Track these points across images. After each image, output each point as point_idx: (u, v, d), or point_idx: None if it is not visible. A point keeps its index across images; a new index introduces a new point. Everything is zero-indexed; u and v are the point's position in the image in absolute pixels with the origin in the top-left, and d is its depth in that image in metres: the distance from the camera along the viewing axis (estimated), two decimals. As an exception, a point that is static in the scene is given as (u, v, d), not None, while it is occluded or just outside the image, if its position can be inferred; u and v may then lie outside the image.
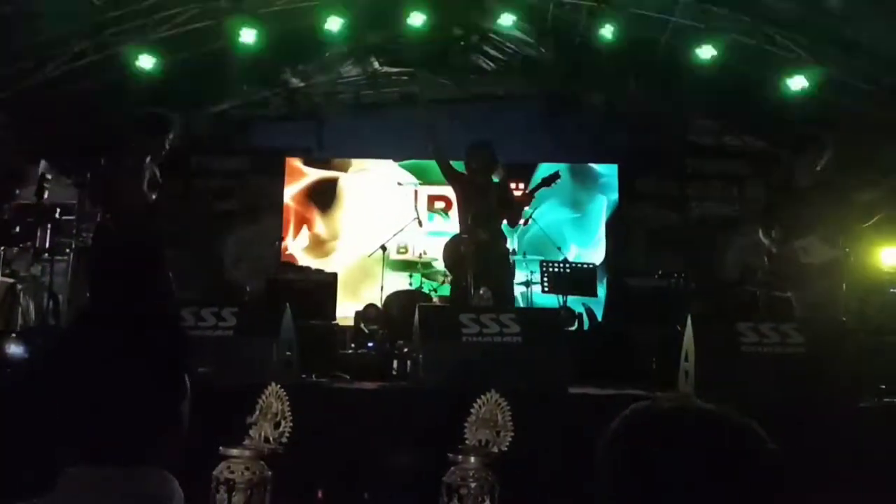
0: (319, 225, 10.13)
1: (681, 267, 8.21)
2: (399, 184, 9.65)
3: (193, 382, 1.50)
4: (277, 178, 10.02)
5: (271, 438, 3.03)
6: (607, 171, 10.18)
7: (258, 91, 10.20)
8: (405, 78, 10.34)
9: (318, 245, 10.05)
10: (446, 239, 6.47)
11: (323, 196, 10.18)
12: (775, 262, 5.23)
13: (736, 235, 9.41)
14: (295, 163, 10.25)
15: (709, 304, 7.87)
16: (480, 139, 6.26)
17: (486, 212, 5.86)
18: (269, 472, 2.99)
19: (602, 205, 10.13)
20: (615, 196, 10.05)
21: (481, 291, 5.59)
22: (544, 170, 10.04)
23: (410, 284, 8.22)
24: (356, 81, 10.38)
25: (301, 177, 10.21)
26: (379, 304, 7.64)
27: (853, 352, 4.50)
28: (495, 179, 6.04)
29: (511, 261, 6.34)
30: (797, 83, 7.62)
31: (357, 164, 10.32)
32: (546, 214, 9.42)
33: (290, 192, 10.16)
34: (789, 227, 5.18)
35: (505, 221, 5.97)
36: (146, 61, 7.82)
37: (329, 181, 10.20)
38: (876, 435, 3.91)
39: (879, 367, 4.91)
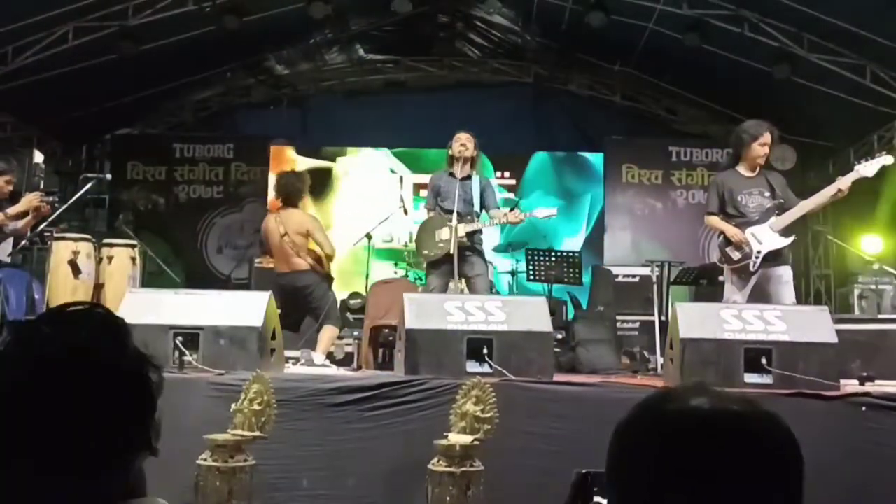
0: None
1: (665, 254, 8.23)
2: (392, 171, 9.64)
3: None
4: (262, 165, 9.95)
5: (256, 426, 3.01)
6: (595, 160, 10.18)
7: (242, 78, 10.14)
8: (390, 66, 10.30)
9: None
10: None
11: (314, 185, 10.11)
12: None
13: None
14: (288, 152, 10.17)
15: (693, 291, 7.91)
16: (465, 126, 6.22)
17: (467, 210, 5.84)
18: (254, 460, 2.97)
19: (589, 195, 10.14)
20: (601, 184, 10.06)
21: (452, 286, 5.63)
22: (537, 160, 10.10)
23: (396, 273, 8.20)
24: (341, 68, 10.33)
25: (291, 165, 10.14)
26: (364, 293, 7.63)
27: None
28: (478, 179, 5.98)
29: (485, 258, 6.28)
30: (782, 70, 7.65)
31: (350, 152, 10.25)
32: (534, 205, 9.41)
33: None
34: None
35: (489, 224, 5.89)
36: (128, 47, 7.72)
37: (321, 170, 10.13)
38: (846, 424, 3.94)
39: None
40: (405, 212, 7.53)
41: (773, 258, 5.20)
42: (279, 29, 9.05)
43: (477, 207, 5.88)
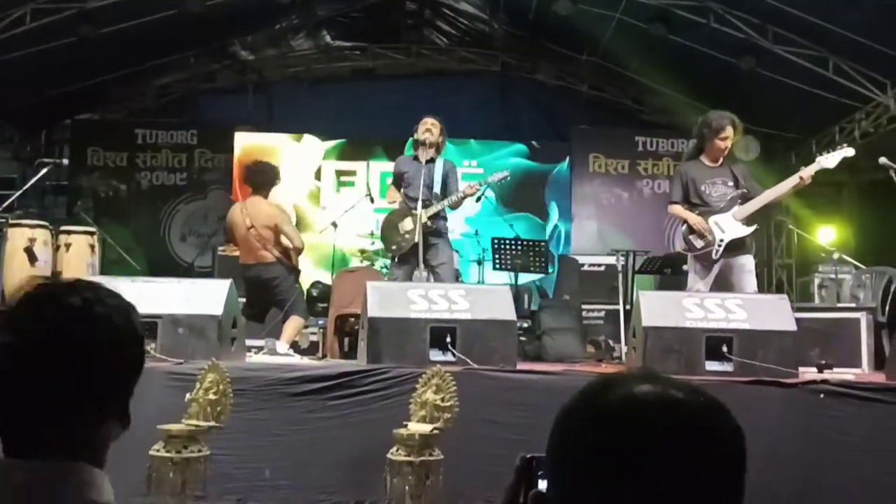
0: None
1: (631, 244, 8.27)
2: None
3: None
4: (226, 152, 9.80)
5: (211, 416, 2.96)
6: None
7: (206, 63, 9.98)
8: (357, 53, 10.21)
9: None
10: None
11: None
12: None
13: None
14: (255, 137, 10.01)
15: (658, 280, 7.97)
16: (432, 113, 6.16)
17: (428, 195, 5.77)
18: (209, 450, 2.92)
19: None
20: (567, 173, 10.08)
21: (417, 274, 5.60)
22: (504, 153, 10.09)
23: (362, 262, 8.13)
24: (308, 55, 10.21)
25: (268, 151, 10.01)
26: (329, 282, 7.57)
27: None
28: (441, 162, 5.92)
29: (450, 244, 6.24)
30: (746, 62, 7.70)
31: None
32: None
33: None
34: None
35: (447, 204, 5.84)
36: (87, 30, 7.53)
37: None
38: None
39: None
40: (371, 200, 7.47)
41: (736, 247, 5.24)
42: (244, 13, 8.90)
43: (438, 190, 5.80)
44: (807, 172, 5.11)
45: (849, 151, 5.15)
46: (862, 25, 6.85)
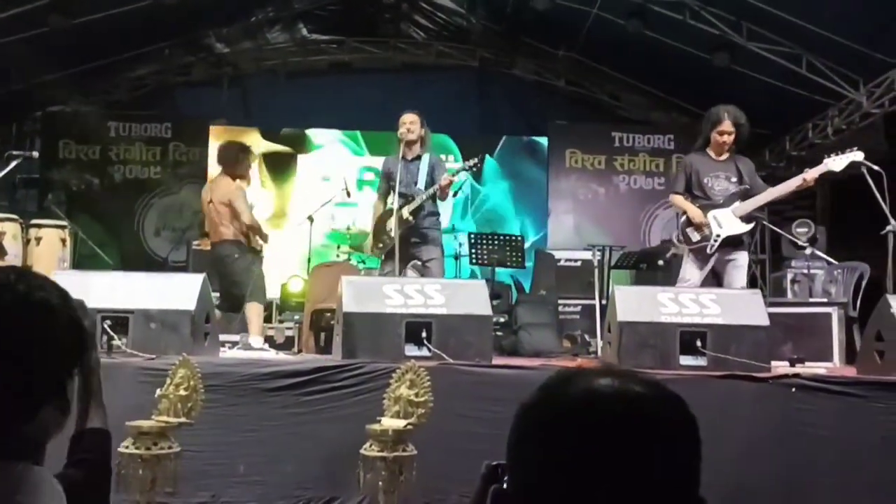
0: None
1: (607, 239, 8.31)
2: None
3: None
4: (201, 146, 9.70)
5: (182, 412, 2.92)
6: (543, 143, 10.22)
7: (181, 56, 9.86)
8: (334, 46, 10.15)
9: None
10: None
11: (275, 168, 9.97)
12: None
13: (661, 209, 9.62)
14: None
15: (634, 275, 8.02)
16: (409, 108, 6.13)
17: (410, 192, 5.75)
18: (179, 447, 2.89)
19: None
20: (544, 168, 10.10)
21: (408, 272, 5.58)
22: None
23: (338, 256, 8.10)
24: (284, 48, 10.13)
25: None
26: (305, 276, 7.52)
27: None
28: (427, 158, 5.89)
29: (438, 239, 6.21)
30: (721, 58, 7.76)
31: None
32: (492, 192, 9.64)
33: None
34: None
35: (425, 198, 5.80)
36: (57, 21, 7.40)
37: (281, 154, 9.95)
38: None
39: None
40: (348, 194, 7.43)
41: (731, 243, 5.25)
42: (220, 6, 8.82)
43: (423, 186, 5.77)
44: (811, 175, 5.08)
45: (858, 155, 5.07)
46: (835, 23, 6.91)
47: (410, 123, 5.80)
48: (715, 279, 5.30)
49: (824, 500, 3.88)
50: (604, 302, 6.75)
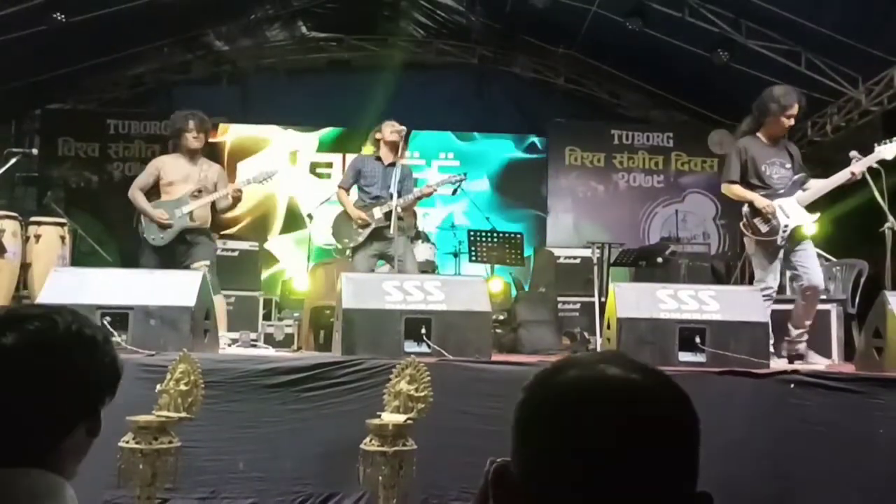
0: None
1: (606, 236, 8.31)
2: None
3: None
4: (200, 143, 9.66)
5: (182, 407, 2.93)
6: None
7: (180, 54, 9.85)
8: (333, 44, 10.15)
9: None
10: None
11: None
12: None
13: (660, 206, 9.63)
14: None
15: (633, 272, 8.02)
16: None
17: (387, 196, 5.83)
18: (179, 442, 2.89)
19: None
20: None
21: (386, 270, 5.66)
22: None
23: (337, 254, 8.09)
24: (283, 46, 10.13)
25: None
26: (305, 274, 7.53)
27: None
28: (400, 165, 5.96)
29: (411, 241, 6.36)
30: (720, 56, 7.76)
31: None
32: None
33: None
34: None
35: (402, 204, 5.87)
36: (55, 19, 7.39)
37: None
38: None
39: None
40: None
41: (797, 234, 5.01)
42: (219, 3, 8.80)
43: (394, 192, 5.83)
44: (858, 168, 4.85)
45: None
46: (834, 21, 6.92)
47: (400, 132, 5.88)
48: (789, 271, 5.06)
49: (822, 495, 3.88)
50: (603, 299, 6.75)
